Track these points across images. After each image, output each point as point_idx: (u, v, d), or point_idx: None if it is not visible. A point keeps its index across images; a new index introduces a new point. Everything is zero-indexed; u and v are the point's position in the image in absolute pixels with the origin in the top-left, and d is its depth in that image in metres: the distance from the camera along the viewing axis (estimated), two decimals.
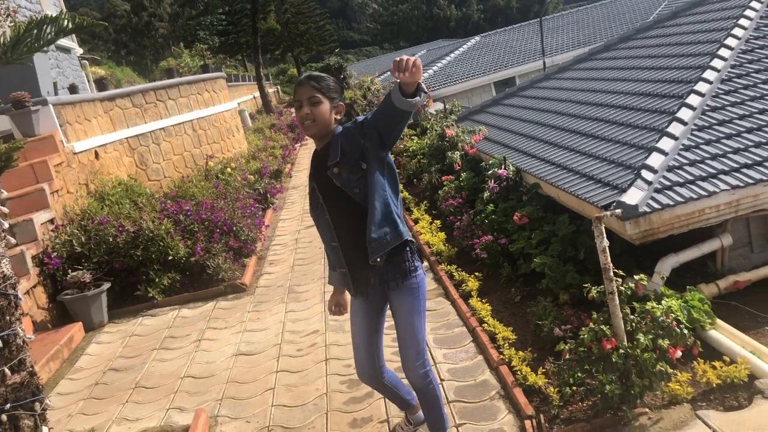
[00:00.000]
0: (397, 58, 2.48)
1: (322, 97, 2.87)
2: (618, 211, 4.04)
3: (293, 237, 8.96)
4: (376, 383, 3.32)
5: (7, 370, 3.32)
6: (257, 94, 30.69)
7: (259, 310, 6.28)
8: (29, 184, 7.21)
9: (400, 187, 3.25)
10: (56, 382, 5.28)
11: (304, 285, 6.79)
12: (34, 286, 6.27)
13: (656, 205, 4.40)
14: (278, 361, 5.03)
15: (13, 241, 3.76)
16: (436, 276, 6.21)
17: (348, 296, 3.27)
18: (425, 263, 6.63)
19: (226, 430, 4.12)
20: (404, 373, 3.18)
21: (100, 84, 10.93)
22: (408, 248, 3.00)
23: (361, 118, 2.91)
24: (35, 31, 3.68)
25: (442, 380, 4.23)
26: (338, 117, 2.94)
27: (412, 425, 3.54)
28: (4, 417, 3.25)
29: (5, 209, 3.59)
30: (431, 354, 4.62)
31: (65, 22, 3.78)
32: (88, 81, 19.69)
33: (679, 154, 4.92)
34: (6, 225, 3.56)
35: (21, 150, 3.38)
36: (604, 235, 3.38)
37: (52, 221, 7.11)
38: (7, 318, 3.40)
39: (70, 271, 6.51)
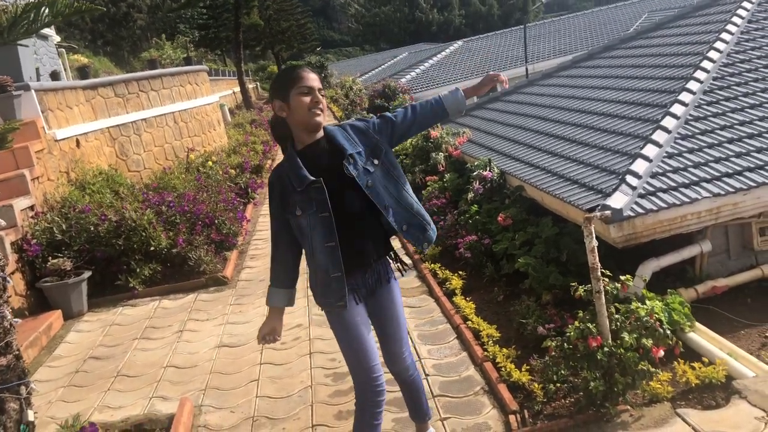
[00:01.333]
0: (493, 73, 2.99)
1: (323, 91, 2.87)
2: (608, 212, 4.13)
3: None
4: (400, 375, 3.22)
5: None
6: (237, 89, 30.54)
7: (241, 303, 6.27)
8: (9, 169, 7.11)
9: None
10: (35, 369, 5.22)
11: None
12: (12, 273, 6.19)
13: (640, 210, 4.50)
14: (262, 353, 5.03)
15: (3, 223, 3.74)
16: (420, 274, 6.26)
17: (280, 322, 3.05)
18: (409, 261, 6.69)
19: (211, 420, 4.13)
20: (393, 367, 3.15)
21: (82, 72, 10.81)
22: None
23: (360, 122, 2.92)
24: (32, 13, 3.66)
25: (426, 375, 4.28)
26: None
27: None
28: None
29: None
30: (416, 350, 4.67)
31: (62, 5, 3.76)
32: (65, 69, 19.45)
33: (662, 161, 5.04)
34: None
35: (16, 131, 3.36)
36: (594, 235, 3.46)
37: (32, 208, 7.03)
38: None
39: (50, 258, 6.44)
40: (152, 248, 6.88)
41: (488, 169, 6.74)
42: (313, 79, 2.75)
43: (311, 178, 2.72)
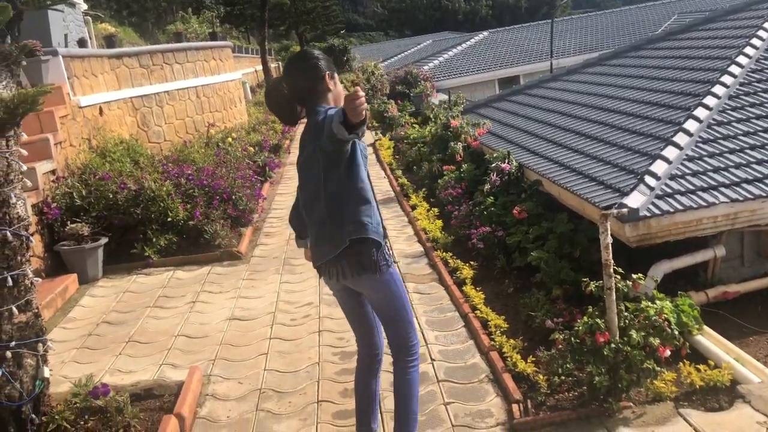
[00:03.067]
0: (352, 95, 2.49)
1: None
2: (624, 210, 4.15)
3: (289, 212, 9.00)
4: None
5: (14, 309, 3.39)
6: (259, 67, 30.53)
7: (254, 278, 6.35)
8: (34, 133, 7.19)
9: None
10: (50, 329, 5.32)
11: (300, 258, 6.83)
12: (32, 234, 6.26)
13: (656, 211, 4.52)
14: (272, 328, 5.11)
15: (29, 184, 3.81)
16: (431, 261, 6.31)
17: None
18: (421, 248, 6.73)
19: (219, 389, 4.21)
20: None
21: (109, 41, 10.88)
22: None
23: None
24: None
25: (432, 360, 4.34)
26: None
27: None
28: (8, 354, 3.32)
29: (24, 152, 3.64)
30: (423, 335, 4.72)
31: None
32: (90, 37, 19.54)
33: (682, 164, 5.04)
34: (24, 168, 3.61)
35: (47, 95, 3.42)
36: (609, 232, 3.48)
37: (53, 172, 7.12)
38: (18, 258, 3.47)
39: (68, 222, 6.54)
40: (169, 219, 6.97)
41: (507, 161, 6.75)
42: None
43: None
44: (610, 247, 3.50)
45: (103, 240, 6.59)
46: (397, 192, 9.30)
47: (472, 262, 5.92)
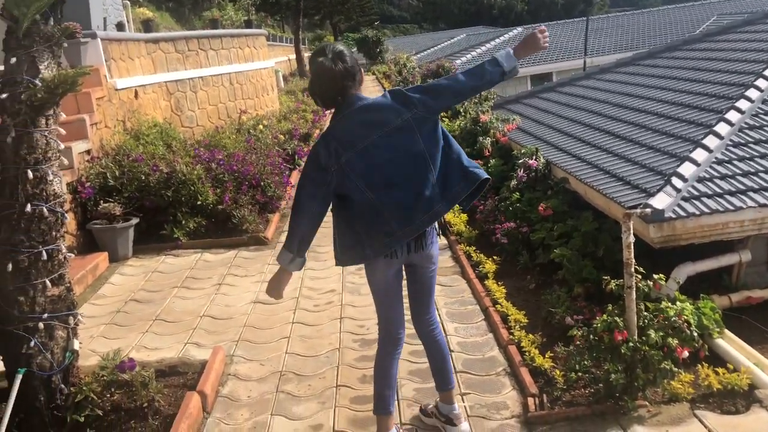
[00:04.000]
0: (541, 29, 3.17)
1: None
2: (648, 210, 4.16)
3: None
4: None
5: (48, 282, 3.51)
6: (292, 56, 30.77)
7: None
8: (71, 113, 7.36)
9: None
10: (80, 304, 5.46)
11: (324, 246, 6.93)
12: (66, 212, 6.44)
13: (682, 213, 4.51)
14: (294, 313, 5.21)
15: (66, 162, 3.94)
16: (454, 255, 6.34)
17: None
18: (445, 241, 6.77)
19: (241, 370, 4.31)
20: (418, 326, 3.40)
21: (146, 26, 11.05)
22: None
23: None
24: None
25: (451, 351, 4.38)
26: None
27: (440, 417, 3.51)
28: (41, 325, 3.45)
29: (62, 131, 3.75)
30: (443, 327, 4.77)
31: None
32: (128, 22, 19.82)
33: (711, 167, 5.01)
34: (62, 146, 3.73)
35: (88, 75, 3.53)
36: (631, 231, 3.49)
37: (88, 152, 7.30)
38: (53, 233, 3.59)
39: (101, 202, 6.71)
40: (199, 202, 7.11)
41: (534, 158, 6.75)
42: None
43: None
44: (632, 247, 3.51)
45: (135, 220, 6.74)
46: None
47: (495, 257, 5.95)
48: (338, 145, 2.90)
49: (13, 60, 3.37)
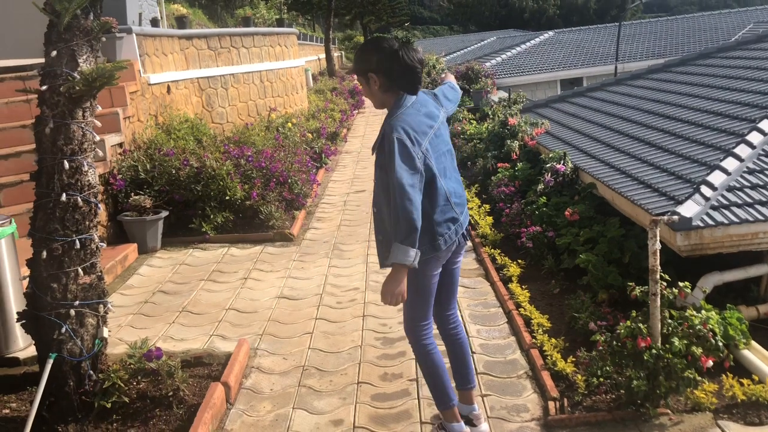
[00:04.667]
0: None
1: (360, 78, 3.10)
2: (675, 217, 4.13)
3: (342, 199, 9.18)
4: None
5: (80, 270, 3.60)
6: (322, 55, 30.92)
7: (303, 260, 6.52)
8: (105, 106, 7.51)
9: None
10: (109, 294, 5.59)
11: (349, 244, 7.01)
12: (99, 202, 6.59)
13: (710, 221, 4.47)
14: (318, 309, 5.26)
15: (101, 153, 4.04)
16: (479, 257, 6.35)
17: None
18: (469, 243, 6.78)
19: (264, 363, 4.37)
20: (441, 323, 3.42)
21: (180, 22, 11.20)
22: None
23: (384, 142, 2.95)
24: None
25: (473, 353, 4.40)
26: (377, 87, 3.03)
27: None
28: (72, 312, 3.54)
29: (98, 123, 3.84)
30: (465, 328, 4.79)
31: None
32: (161, 17, 20.11)
33: (741, 176, 4.96)
34: (97, 138, 3.81)
35: (124, 70, 3.61)
36: (657, 238, 3.48)
37: (120, 145, 7.43)
38: (87, 223, 3.67)
39: (132, 194, 6.83)
40: (227, 198, 7.20)
41: (562, 162, 6.73)
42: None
43: None
44: (658, 254, 3.50)
45: (164, 213, 6.86)
46: None
47: (519, 261, 5.94)
48: (415, 134, 2.94)
49: (54, 53, 3.46)
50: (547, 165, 6.86)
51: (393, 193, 2.83)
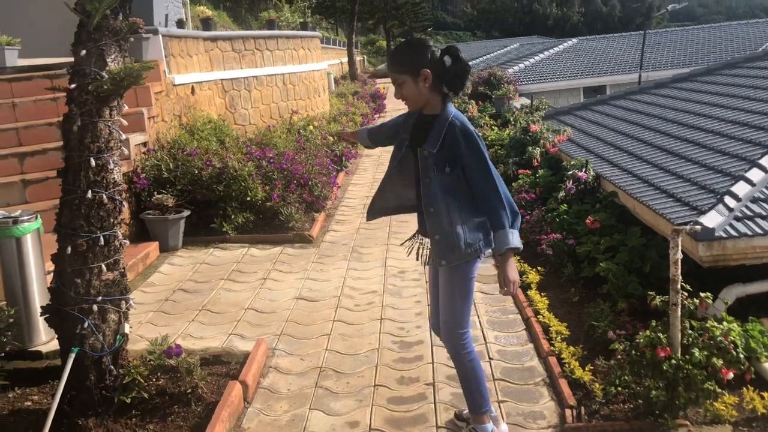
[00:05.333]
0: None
1: (404, 76, 3.02)
2: (697, 227, 4.09)
3: (362, 202, 9.20)
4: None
5: (103, 266, 3.65)
6: (345, 59, 31.06)
7: (322, 262, 6.55)
8: (130, 105, 7.60)
9: None
10: (130, 291, 5.66)
11: (367, 247, 7.03)
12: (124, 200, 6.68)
13: (733, 232, 4.42)
14: (336, 311, 5.28)
15: (126, 152, 4.09)
16: (497, 264, 6.33)
17: None
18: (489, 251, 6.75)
19: (282, 363, 4.40)
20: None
21: (206, 24, 11.32)
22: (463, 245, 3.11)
23: (462, 136, 3.01)
24: None
25: (490, 359, 4.40)
26: (428, 85, 3.01)
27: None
28: (95, 307, 3.59)
29: (125, 122, 3.89)
30: (483, 334, 4.79)
31: None
32: (186, 19, 20.34)
33: (766, 187, 4.90)
34: (124, 137, 3.87)
35: (151, 70, 3.67)
36: (679, 248, 3.46)
37: (144, 144, 7.52)
38: (111, 220, 3.72)
39: (155, 193, 6.90)
40: (248, 198, 7.26)
41: (584, 170, 6.70)
42: (390, 76, 3.10)
43: (404, 132, 3.25)
44: (680, 263, 3.47)
45: (186, 212, 6.93)
46: None
47: (539, 268, 5.92)
48: None
49: (83, 52, 3.51)
50: (569, 172, 6.83)
51: (489, 183, 2.98)
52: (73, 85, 3.52)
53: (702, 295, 3.67)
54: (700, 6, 74.42)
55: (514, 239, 2.99)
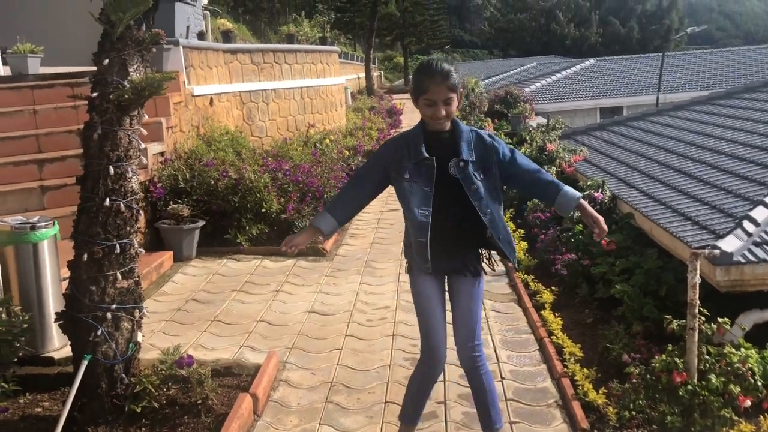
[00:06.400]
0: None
1: (454, 94, 2.99)
2: (716, 251, 4.05)
3: (376, 217, 9.21)
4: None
5: (119, 274, 3.66)
6: (362, 74, 31.23)
7: (335, 276, 6.54)
8: (150, 115, 7.65)
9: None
10: (144, 300, 5.67)
11: (381, 262, 7.01)
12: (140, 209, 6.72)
13: (752, 258, 4.37)
14: (348, 325, 5.26)
15: (144, 161, 4.12)
16: (512, 282, 6.30)
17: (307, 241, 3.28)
18: (503, 268, 6.73)
19: (293, 377, 4.38)
20: (460, 352, 3.32)
21: (226, 36, 11.46)
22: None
23: (488, 137, 3.14)
24: None
25: (502, 378, 4.35)
26: (460, 102, 3.12)
27: None
28: (109, 315, 3.59)
29: (144, 131, 3.92)
30: (495, 353, 4.75)
31: None
32: (207, 31, 20.60)
33: None
34: (143, 146, 3.89)
35: (172, 80, 3.70)
36: (698, 272, 3.42)
37: (162, 154, 7.57)
38: (128, 228, 3.74)
39: (171, 203, 6.94)
40: (263, 210, 7.28)
41: (600, 190, 6.67)
42: (438, 92, 2.95)
43: (425, 155, 3.05)
44: (698, 288, 3.43)
45: (201, 223, 6.95)
46: None
47: (553, 288, 5.88)
48: None
49: (106, 61, 3.55)
50: (585, 193, 6.80)
51: (531, 163, 3.18)
52: (94, 94, 3.55)
53: (720, 320, 3.62)
54: (718, 30, 74.21)
55: (576, 193, 3.14)
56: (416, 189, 3.07)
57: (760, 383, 3.51)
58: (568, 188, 3.11)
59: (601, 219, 3.06)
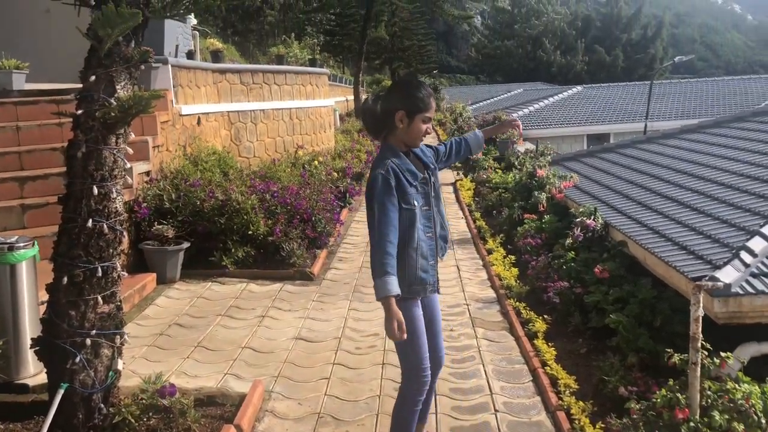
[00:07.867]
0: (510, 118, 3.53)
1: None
2: (720, 284, 3.96)
3: (365, 240, 9.06)
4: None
5: (100, 299, 3.51)
6: (351, 97, 31.24)
7: (323, 301, 6.39)
8: (136, 134, 7.47)
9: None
10: (125, 324, 5.49)
11: (370, 287, 6.78)
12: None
13: (750, 289, 4.29)
14: (336, 353, 5.11)
15: (129, 181, 3.98)
16: (503, 309, 6.18)
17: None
18: (494, 295, 6.63)
19: (279, 407, 4.22)
20: (433, 361, 3.29)
21: (215, 56, 11.35)
22: None
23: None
24: None
25: (496, 411, 4.22)
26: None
27: None
28: (88, 341, 3.43)
29: (130, 150, 3.79)
30: (488, 384, 4.62)
31: None
32: (196, 51, 20.54)
33: None
34: (128, 165, 3.76)
35: (160, 99, 3.58)
36: (701, 305, 3.33)
37: (147, 173, 7.43)
38: (110, 250, 3.60)
39: (155, 223, 6.78)
40: (250, 232, 7.13)
41: (593, 218, 6.60)
42: (434, 109, 3.17)
43: (421, 174, 3.16)
44: (701, 321, 3.34)
45: (185, 244, 6.79)
46: (473, 234, 9.24)
47: (545, 316, 5.77)
48: None
49: (93, 78, 3.42)
50: (577, 219, 6.73)
51: (447, 142, 3.60)
52: (80, 111, 3.42)
53: (723, 355, 3.52)
54: (700, 60, 75.28)
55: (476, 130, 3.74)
56: (420, 212, 3.12)
57: (763, 420, 3.40)
58: (468, 134, 3.56)
59: (510, 119, 3.53)
